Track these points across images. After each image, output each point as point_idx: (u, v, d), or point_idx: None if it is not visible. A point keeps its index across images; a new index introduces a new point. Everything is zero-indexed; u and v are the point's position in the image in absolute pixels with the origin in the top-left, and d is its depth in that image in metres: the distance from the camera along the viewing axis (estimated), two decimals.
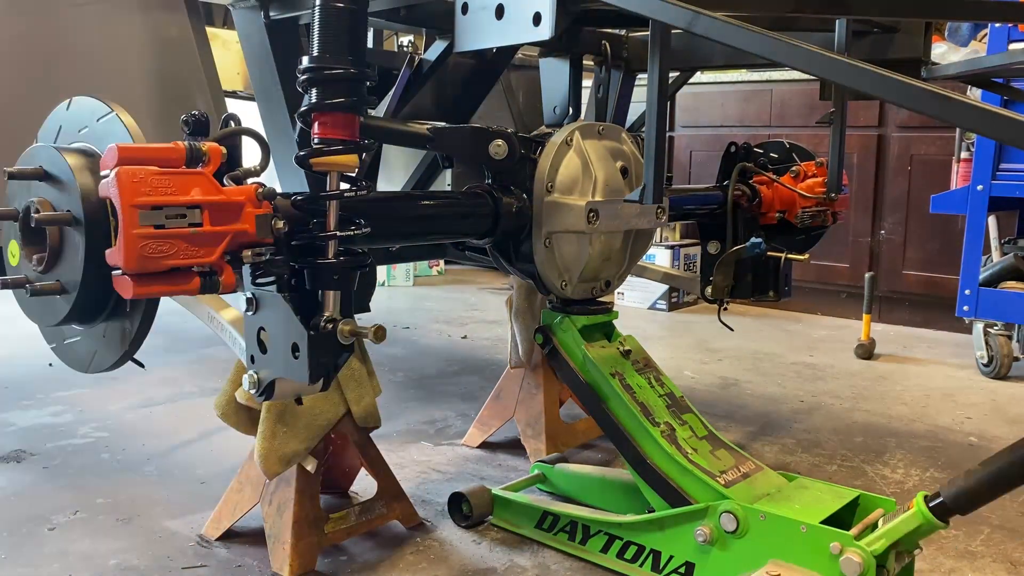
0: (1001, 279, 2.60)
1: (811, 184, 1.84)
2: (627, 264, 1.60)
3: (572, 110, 1.94)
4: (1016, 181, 2.54)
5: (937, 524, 1.10)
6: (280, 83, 1.54)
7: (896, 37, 1.75)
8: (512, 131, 1.41)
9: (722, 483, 1.33)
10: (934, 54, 2.51)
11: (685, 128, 4.01)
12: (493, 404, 1.99)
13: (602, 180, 1.45)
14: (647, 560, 1.38)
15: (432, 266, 4.59)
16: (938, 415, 2.31)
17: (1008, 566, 1.45)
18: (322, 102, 1.08)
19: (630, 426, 1.42)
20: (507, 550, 1.50)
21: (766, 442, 2.07)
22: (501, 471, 1.85)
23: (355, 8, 1.09)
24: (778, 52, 0.99)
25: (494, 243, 1.48)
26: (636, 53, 2.04)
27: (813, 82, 3.08)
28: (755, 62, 2.39)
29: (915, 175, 3.36)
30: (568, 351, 1.51)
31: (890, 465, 1.92)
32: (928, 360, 2.94)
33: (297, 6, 1.51)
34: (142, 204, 0.85)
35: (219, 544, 1.48)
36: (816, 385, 2.60)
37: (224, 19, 3.59)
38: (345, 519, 1.47)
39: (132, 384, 2.42)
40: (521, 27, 1.26)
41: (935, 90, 0.88)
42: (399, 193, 1.72)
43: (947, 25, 3.04)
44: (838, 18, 1.54)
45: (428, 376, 2.61)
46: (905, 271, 3.41)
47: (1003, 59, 1.70)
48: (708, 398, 2.44)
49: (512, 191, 1.43)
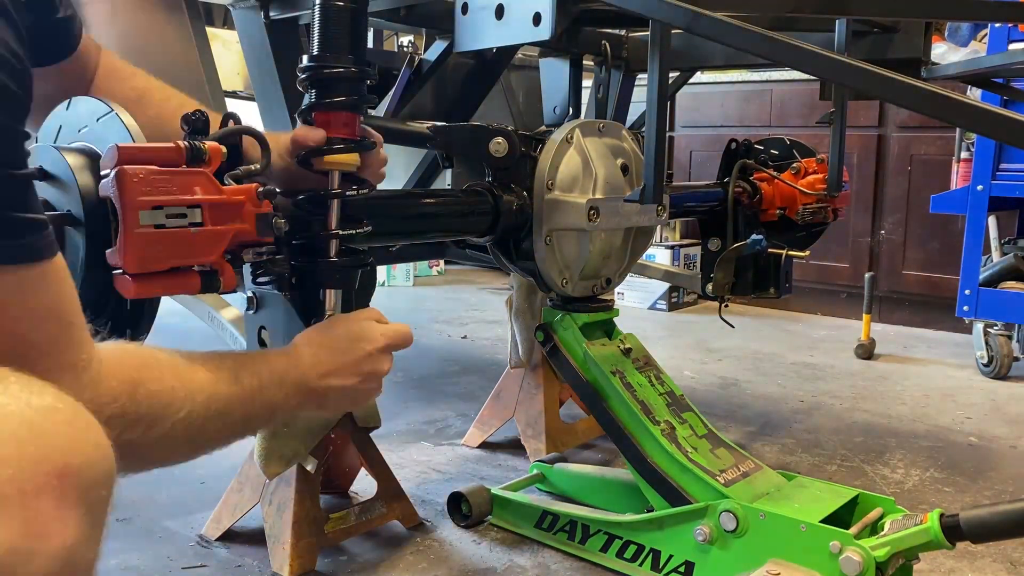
0: (1001, 279, 2.60)
1: (812, 180, 1.83)
2: (628, 262, 1.60)
3: (572, 110, 1.95)
4: (1016, 181, 2.54)
5: (945, 545, 1.10)
6: (280, 83, 1.54)
7: (896, 37, 1.75)
8: (512, 129, 1.41)
9: (722, 482, 1.33)
10: (934, 54, 2.51)
11: (685, 128, 4.01)
12: (493, 404, 1.99)
13: (603, 178, 1.45)
14: (647, 559, 1.38)
15: (432, 266, 4.58)
16: (938, 415, 2.31)
17: (1008, 566, 1.45)
18: (323, 101, 1.08)
19: (630, 424, 1.42)
20: (507, 550, 1.50)
21: (766, 442, 2.07)
22: (501, 471, 1.85)
23: (356, 7, 1.09)
24: (778, 52, 0.99)
25: (495, 241, 1.48)
26: (636, 53, 2.04)
27: (813, 82, 3.08)
28: (755, 62, 2.39)
29: (915, 175, 3.36)
30: (569, 349, 1.51)
31: (890, 465, 1.92)
32: (928, 360, 2.94)
33: (297, 6, 1.51)
34: (143, 203, 0.85)
35: (219, 544, 1.48)
36: (816, 385, 2.60)
37: (224, 19, 3.59)
38: (345, 519, 1.47)
39: None
40: (521, 27, 1.26)
41: (935, 90, 0.88)
42: (400, 192, 1.72)
43: (947, 25, 3.03)
44: (838, 18, 1.54)
45: (428, 376, 2.61)
46: (905, 271, 3.41)
47: (1003, 59, 1.70)
48: (708, 398, 2.44)
49: (513, 189, 1.43)
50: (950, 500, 1.73)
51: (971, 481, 1.83)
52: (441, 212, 1.39)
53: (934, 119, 1.65)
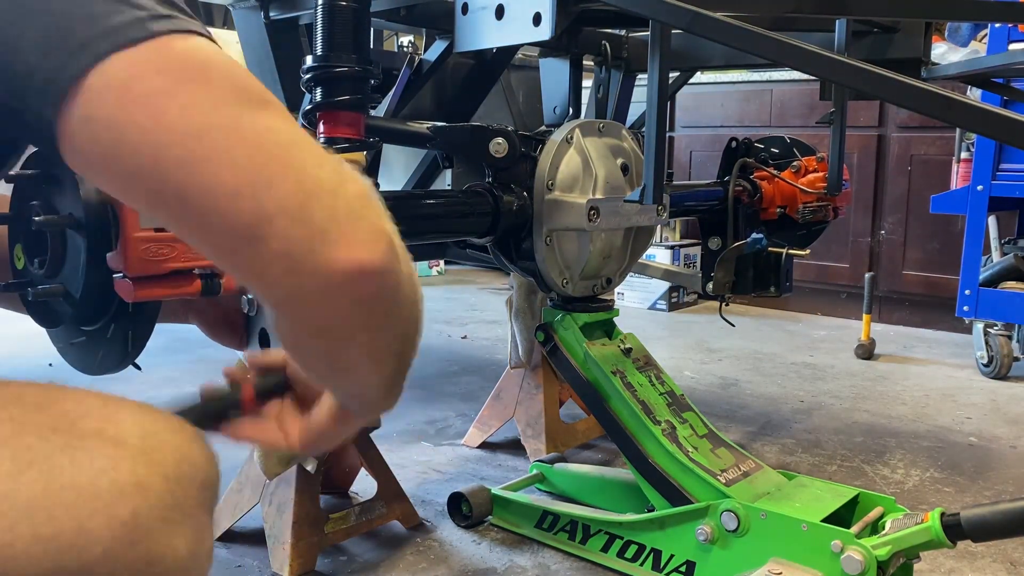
0: (1001, 279, 2.60)
1: (812, 179, 1.83)
2: (628, 261, 1.60)
3: (572, 110, 1.94)
4: (1016, 181, 2.54)
5: (946, 544, 1.10)
6: (280, 83, 1.54)
7: (896, 37, 1.74)
8: (512, 129, 1.41)
9: (723, 482, 1.33)
10: (934, 54, 2.51)
11: (685, 128, 4.01)
12: (493, 404, 1.99)
13: (603, 177, 1.45)
14: (648, 559, 1.38)
15: (432, 266, 4.59)
16: (938, 415, 2.31)
17: (1008, 566, 1.45)
18: (327, 100, 1.08)
19: (631, 424, 1.42)
20: (507, 550, 1.50)
21: (766, 442, 2.07)
22: (501, 471, 1.85)
23: (358, 6, 1.09)
24: (778, 52, 0.99)
25: (495, 241, 1.48)
26: (636, 53, 2.04)
27: (813, 82, 3.08)
28: (755, 62, 2.39)
29: (915, 175, 3.36)
30: (569, 349, 1.51)
31: (890, 465, 1.92)
32: (928, 360, 2.94)
33: (297, 6, 1.51)
34: None
35: (219, 544, 1.48)
36: (816, 385, 2.60)
37: (224, 19, 3.60)
38: (345, 519, 1.47)
39: (132, 384, 2.42)
40: (521, 27, 1.26)
41: (935, 90, 0.88)
42: (400, 192, 1.72)
43: (947, 25, 3.03)
44: (838, 18, 1.54)
45: (428, 376, 2.61)
46: (905, 271, 3.41)
47: (1003, 59, 1.70)
48: (708, 398, 2.44)
49: (513, 189, 1.43)
50: (950, 500, 1.73)
51: (971, 481, 1.83)
52: (441, 213, 1.39)
53: (934, 119, 1.65)
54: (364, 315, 0.54)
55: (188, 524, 0.52)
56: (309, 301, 0.52)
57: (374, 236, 0.52)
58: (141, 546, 0.49)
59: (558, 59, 1.97)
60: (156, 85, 0.48)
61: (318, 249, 0.50)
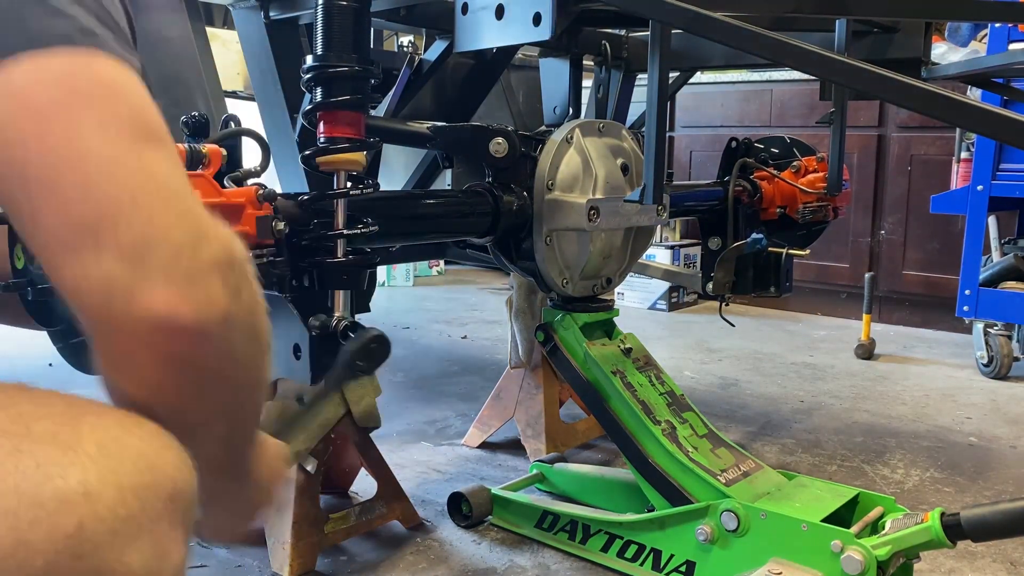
0: (1001, 279, 2.60)
1: (812, 179, 1.83)
2: (628, 261, 1.60)
3: (572, 110, 1.94)
4: (1016, 181, 2.54)
5: (947, 544, 1.10)
6: (280, 83, 1.54)
7: (896, 37, 1.74)
8: (512, 129, 1.41)
9: (723, 481, 1.33)
10: (934, 54, 2.51)
11: (685, 128, 4.01)
12: (493, 404, 1.99)
13: (603, 177, 1.45)
14: (648, 559, 1.38)
15: (432, 266, 4.58)
16: (938, 415, 2.31)
17: (1008, 566, 1.45)
18: (328, 100, 1.08)
19: (631, 424, 1.42)
20: (507, 550, 1.50)
21: (766, 442, 2.07)
22: (501, 471, 1.85)
23: (358, 6, 1.09)
24: (778, 52, 0.99)
25: (495, 241, 1.48)
26: (636, 53, 2.04)
27: (813, 82, 3.08)
28: (755, 62, 2.39)
29: (915, 175, 3.36)
30: (569, 349, 1.51)
31: (890, 465, 1.92)
32: (928, 360, 2.94)
33: (297, 6, 1.51)
34: None
35: (219, 544, 1.48)
36: (816, 385, 2.60)
37: (224, 19, 3.60)
38: (345, 519, 1.47)
39: None
40: (521, 27, 1.26)
41: (935, 90, 0.88)
42: (401, 192, 1.72)
43: (947, 25, 3.03)
44: (838, 18, 1.54)
45: (428, 376, 2.61)
46: (905, 271, 3.41)
47: (1003, 59, 1.70)
48: (708, 398, 2.44)
49: (513, 189, 1.43)
50: (950, 500, 1.73)
51: (971, 481, 1.83)
52: (441, 213, 1.39)
53: (934, 119, 1.65)
54: (173, 376, 0.52)
55: (146, 539, 0.48)
56: (116, 343, 0.51)
57: (205, 300, 0.50)
58: (87, 560, 0.45)
59: (558, 59, 1.97)
60: (53, 95, 0.48)
61: (136, 295, 0.48)
